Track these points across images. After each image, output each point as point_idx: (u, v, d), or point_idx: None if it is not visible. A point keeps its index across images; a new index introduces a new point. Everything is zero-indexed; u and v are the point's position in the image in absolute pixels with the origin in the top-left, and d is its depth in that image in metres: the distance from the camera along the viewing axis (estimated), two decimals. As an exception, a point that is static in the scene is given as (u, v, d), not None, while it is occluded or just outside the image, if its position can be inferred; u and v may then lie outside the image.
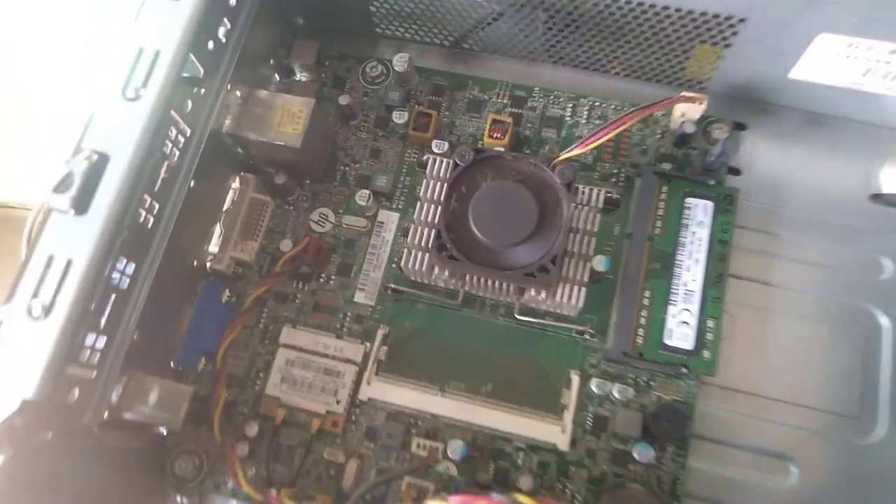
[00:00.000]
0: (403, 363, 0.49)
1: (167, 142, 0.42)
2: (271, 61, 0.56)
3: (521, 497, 0.36)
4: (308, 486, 0.47)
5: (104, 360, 0.40)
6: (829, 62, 0.48)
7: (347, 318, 0.51)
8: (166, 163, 0.42)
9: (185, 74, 0.43)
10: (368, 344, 0.49)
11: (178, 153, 0.44)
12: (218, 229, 0.51)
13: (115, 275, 0.40)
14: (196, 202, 0.47)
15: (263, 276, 0.52)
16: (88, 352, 0.39)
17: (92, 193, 0.36)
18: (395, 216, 0.53)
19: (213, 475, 0.47)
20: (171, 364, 0.47)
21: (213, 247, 0.51)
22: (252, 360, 0.50)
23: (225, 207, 0.52)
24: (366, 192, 0.52)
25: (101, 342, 0.40)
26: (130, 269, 0.41)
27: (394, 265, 0.52)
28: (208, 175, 0.49)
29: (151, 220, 0.42)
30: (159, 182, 0.42)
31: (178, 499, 0.49)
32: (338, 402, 0.48)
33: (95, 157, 0.36)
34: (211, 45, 0.45)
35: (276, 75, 0.57)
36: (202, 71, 0.44)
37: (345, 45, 0.59)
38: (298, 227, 0.53)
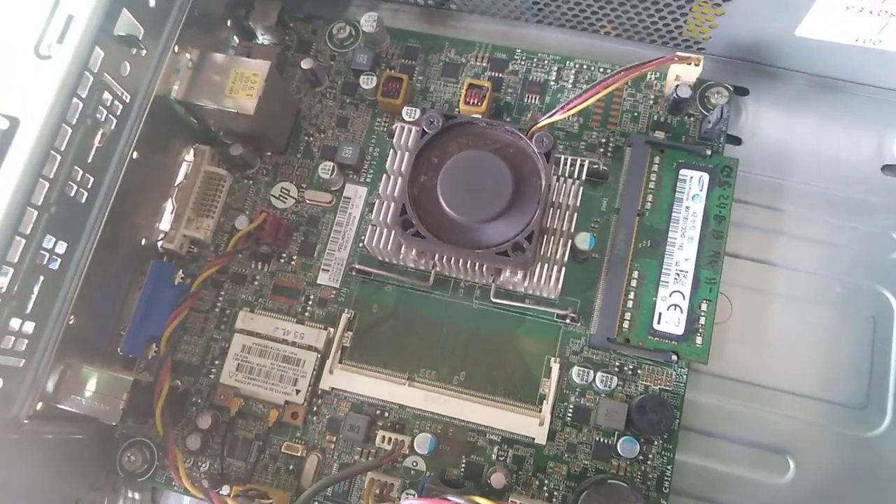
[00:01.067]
0: (369, 350, 0.46)
1: (100, 108, 0.39)
2: (229, 22, 0.51)
3: (478, 499, 0.33)
4: (265, 482, 0.44)
5: (34, 347, 0.38)
6: (841, 17, 0.44)
7: (310, 302, 0.47)
8: (100, 131, 0.39)
9: (121, 33, 0.39)
10: (332, 329, 0.47)
11: (115, 121, 0.41)
12: (170, 205, 0.48)
13: (43, 254, 0.37)
14: (143, 175, 0.44)
15: (219, 255, 0.48)
16: (13, 338, 0.36)
17: (-1, 161, 0.33)
18: (363, 190, 0.49)
19: (164, 469, 0.45)
20: (119, 351, 0.44)
21: (165, 224, 0.47)
22: (207, 347, 0.47)
23: (177, 182, 0.48)
24: (330, 164, 0.48)
25: (29, 327, 0.37)
26: (61, 248, 0.38)
27: (360, 244, 0.48)
28: (157, 146, 0.46)
29: (85, 194, 0.39)
30: (92, 152, 0.39)
31: (130, 493, 0.46)
32: (297, 392, 0.45)
33: (4, 120, 0.32)
34: (152, 1, 0.41)
35: (236, 38, 0.53)
36: (142, 30, 0.41)
37: (311, 6, 0.55)
38: (259, 202, 0.50)
